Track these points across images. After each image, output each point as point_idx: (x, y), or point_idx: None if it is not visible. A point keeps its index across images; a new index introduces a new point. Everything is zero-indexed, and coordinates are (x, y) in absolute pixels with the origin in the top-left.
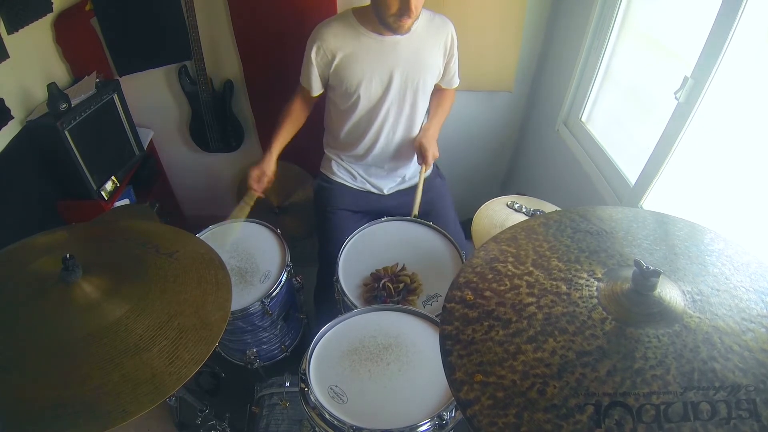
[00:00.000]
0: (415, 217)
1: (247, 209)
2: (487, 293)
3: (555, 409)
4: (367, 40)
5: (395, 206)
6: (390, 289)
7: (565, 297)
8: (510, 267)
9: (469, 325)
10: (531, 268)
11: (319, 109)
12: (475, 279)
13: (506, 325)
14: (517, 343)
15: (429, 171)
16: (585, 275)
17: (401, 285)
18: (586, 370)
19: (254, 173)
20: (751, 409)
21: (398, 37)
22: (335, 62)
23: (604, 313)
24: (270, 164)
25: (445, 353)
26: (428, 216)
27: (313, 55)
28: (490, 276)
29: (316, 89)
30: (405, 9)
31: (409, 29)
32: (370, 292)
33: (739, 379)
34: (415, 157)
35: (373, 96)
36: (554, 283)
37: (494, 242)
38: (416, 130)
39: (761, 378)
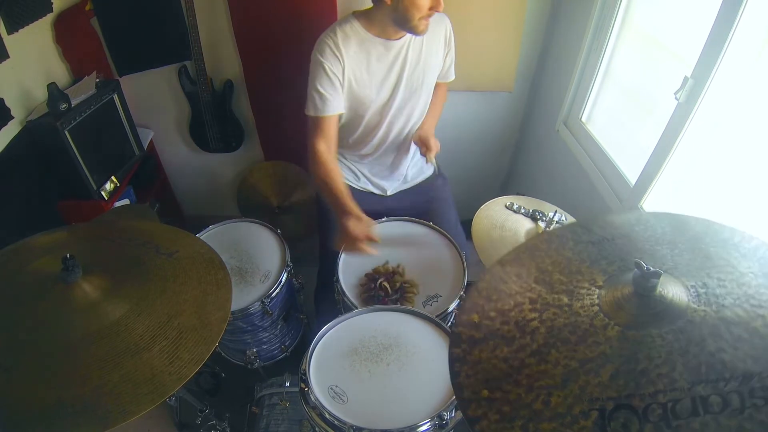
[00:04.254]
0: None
1: None
2: (492, 313)
3: (560, 418)
4: (375, 45)
5: (398, 207)
6: (387, 288)
7: (566, 308)
8: (513, 286)
9: (475, 345)
10: (533, 285)
11: None
12: (480, 302)
13: (510, 342)
14: (521, 358)
15: (433, 166)
16: (586, 284)
17: (398, 284)
18: (590, 377)
19: (353, 227)
20: (767, 396)
21: (403, 40)
22: (346, 71)
23: (605, 319)
24: (360, 214)
25: (454, 375)
26: (429, 216)
27: (327, 67)
28: (494, 297)
29: (339, 106)
30: (437, 2)
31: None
32: (366, 292)
33: (751, 367)
34: (418, 156)
35: (382, 99)
36: (556, 296)
37: (499, 265)
38: (418, 126)
39: None
